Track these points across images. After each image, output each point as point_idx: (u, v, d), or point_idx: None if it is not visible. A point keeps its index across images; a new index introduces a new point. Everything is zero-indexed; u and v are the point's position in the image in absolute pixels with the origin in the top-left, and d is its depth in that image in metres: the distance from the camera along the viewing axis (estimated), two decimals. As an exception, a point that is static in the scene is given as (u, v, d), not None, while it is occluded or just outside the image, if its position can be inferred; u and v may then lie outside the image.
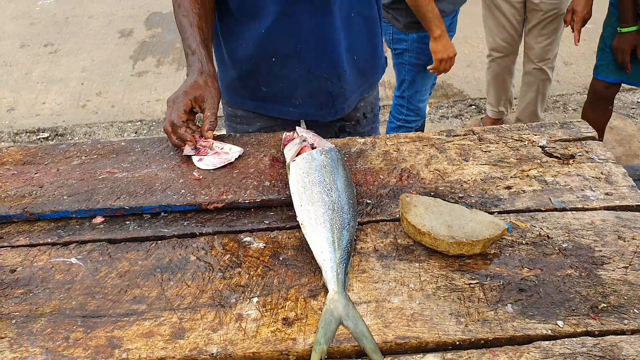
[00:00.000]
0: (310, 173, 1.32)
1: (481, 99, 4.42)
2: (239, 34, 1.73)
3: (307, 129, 1.87)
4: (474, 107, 4.41)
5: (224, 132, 1.85)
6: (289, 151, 1.43)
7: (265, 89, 1.82)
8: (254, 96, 1.85)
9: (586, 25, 3.18)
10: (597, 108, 3.25)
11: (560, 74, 4.63)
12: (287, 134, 1.50)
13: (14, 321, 1.13)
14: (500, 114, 3.88)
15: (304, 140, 1.45)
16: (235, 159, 1.50)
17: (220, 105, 1.79)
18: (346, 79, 1.78)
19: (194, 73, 1.54)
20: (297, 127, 1.51)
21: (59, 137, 4.16)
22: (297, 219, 1.28)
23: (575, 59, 4.78)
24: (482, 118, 4.14)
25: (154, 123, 4.28)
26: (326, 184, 1.30)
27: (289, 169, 1.38)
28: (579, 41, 3.19)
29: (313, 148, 1.44)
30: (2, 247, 1.31)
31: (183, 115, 1.50)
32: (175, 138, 1.51)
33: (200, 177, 1.45)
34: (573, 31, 3.15)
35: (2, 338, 1.10)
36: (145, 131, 4.20)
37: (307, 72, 1.73)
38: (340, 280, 1.13)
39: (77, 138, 4.12)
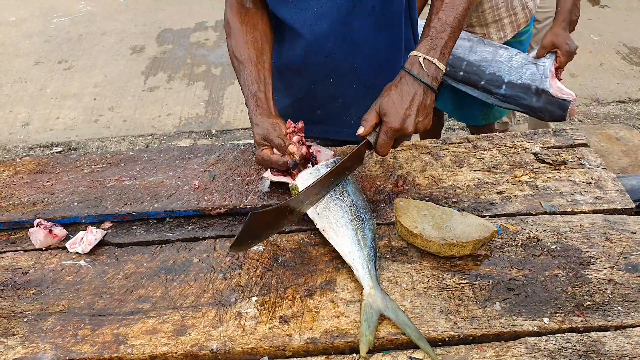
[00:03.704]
0: None
1: (487, 111, 4.47)
2: (299, 64, 1.69)
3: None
4: (479, 119, 4.45)
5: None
6: (274, 179, 1.47)
7: (320, 112, 1.77)
8: (307, 120, 1.71)
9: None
10: None
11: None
12: (260, 189, 1.50)
13: (25, 319, 1.19)
14: (505, 125, 3.92)
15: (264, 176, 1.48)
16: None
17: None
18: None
19: (252, 124, 1.49)
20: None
21: (72, 152, 4.26)
22: (317, 226, 1.33)
23: (582, 70, 4.81)
24: None
25: (164, 137, 4.36)
26: (337, 192, 1.36)
27: (294, 189, 1.41)
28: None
29: (314, 157, 1.49)
30: (15, 250, 1.38)
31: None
32: (275, 155, 1.41)
33: (200, 185, 1.51)
34: None
35: (15, 335, 1.16)
36: (156, 145, 4.28)
37: (364, 88, 1.69)
38: (373, 275, 1.19)
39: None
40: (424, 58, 1.36)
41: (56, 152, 4.26)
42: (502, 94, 2.36)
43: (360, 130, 1.36)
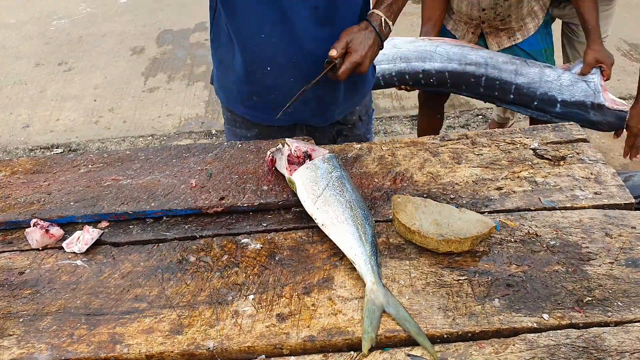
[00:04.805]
0: (318, 181, 1.37)
1: (487, 108, 4.45)
2: (237, 39, 1.76)
3: (305, 135, 1.92)
4: (480, 117, 4.44)
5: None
6: (281, 164, 1.48)
7: (257, 99, 1.86)
8: (246, 104, 1.89)
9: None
10: (426, 116, 3.24)
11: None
12: (271, 151, 1.53)
13: (21, 319, 1.19)
14: (506, 120, 3.91)
15: (283, 147, 1.49)
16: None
17: (221, 110, 1.85)
18: (340, 88, 1.83)
19: None
20: (286, 139, 1.53)
21: (72, 153, 4.25)
22: (316, 221, 1.32)
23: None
24: (489, 123, 4.17)
25: (164, 138, 4.36)
26: (336, 187, 1.36)
27: (292, 182, 1.41)
28: (625, 156, 2.80)
29: (309, 156, 1.48)
30: (12, 250, 1.38)
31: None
32: None
33: (197, 184, 1.51)
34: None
35: (11, 335, 1.15)
36: (156, 146, 4.28)
37: (302, 78, 1.73)
38: (375, 271, 1.19)
39: (90, 153, 4.20)
40: (384, 19, 1.68)
41: (56, 154, 4.26)
42: (557, 112, 2.48)
43: (333, 53, 1.62)
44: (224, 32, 1.81)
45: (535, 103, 2.51)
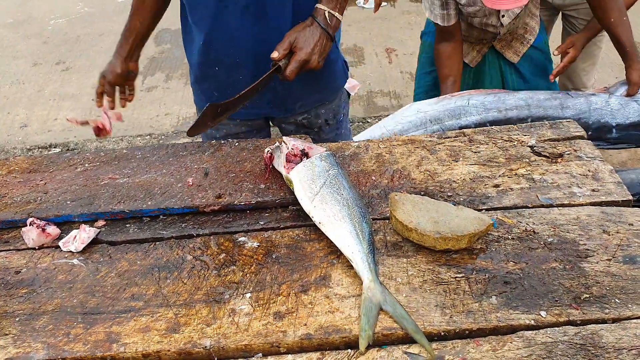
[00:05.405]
0: (315, 179, 1.37)
1: (486, 106, 4.44)
2: (189, 42, 1.88)
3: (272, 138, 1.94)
4: (478, 115, 4.44)
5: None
6: (278, 162, 1.49)
7: (217, 94, 1.90)
8: (209, 101, 1.90)
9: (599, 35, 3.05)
10: None
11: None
12: (270, 148, 1.53)
13: (17, 319, 1.18)
14: None
15: (282, 145, 1.49)
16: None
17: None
18: (291, 81, 1.75)
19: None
20: (283, 138, 1.53)
21: (69, 152, 4.24)
22: (313, 219, 1.32)
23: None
24: None
25: (162, 137, 4.35)
26: (334, 185, 1.36)
27: (289, 181, 1.42)
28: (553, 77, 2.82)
29: (305, 154, 1.48)
30: (8, 250, 1.37)
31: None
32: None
33: (193, 183, 1.50)
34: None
35: (7, 334, 1.15)
36: (153, 144, 4.27)
37: (253, 77, 1.72)
38: (372, 269, 1.18)
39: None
40: (329, 12, 1.65)
41: (54, 153, 4.25)
42: (615, 137, 2.40)
43: (275, 55, 1.59)
44: (185, 33, 1.91)
45: (590, 133, 2.33)
